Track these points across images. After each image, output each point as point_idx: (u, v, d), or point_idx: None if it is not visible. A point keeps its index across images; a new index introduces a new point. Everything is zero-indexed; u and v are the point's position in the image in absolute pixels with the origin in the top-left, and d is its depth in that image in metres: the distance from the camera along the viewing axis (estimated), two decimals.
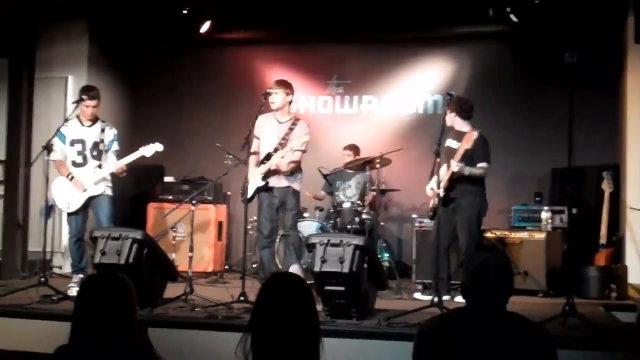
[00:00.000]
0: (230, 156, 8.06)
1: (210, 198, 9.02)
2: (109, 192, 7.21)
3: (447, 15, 8.85)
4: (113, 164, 7.14)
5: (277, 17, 9.18)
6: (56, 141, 7.08)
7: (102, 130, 7.23)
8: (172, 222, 7.86)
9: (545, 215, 7.70)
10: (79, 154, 7.17)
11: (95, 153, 7.17)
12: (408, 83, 9.68)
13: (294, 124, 6.93)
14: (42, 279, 6.61)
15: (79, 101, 7.10)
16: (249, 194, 6.94)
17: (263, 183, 6.85)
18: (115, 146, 7.28)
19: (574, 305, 5.49)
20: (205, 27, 9.23)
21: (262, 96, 6.80)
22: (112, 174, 7.20)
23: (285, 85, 7.01)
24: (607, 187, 7.54)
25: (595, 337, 5.09)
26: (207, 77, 10.15)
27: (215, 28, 9.31)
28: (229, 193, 9.21)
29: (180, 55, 10.19)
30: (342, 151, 8.85)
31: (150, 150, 7.18)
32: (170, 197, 9.22)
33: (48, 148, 6.84)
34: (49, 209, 7.46)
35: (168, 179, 9.62)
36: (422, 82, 9.62)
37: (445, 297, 6.29)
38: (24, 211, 8.49)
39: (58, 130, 7.10)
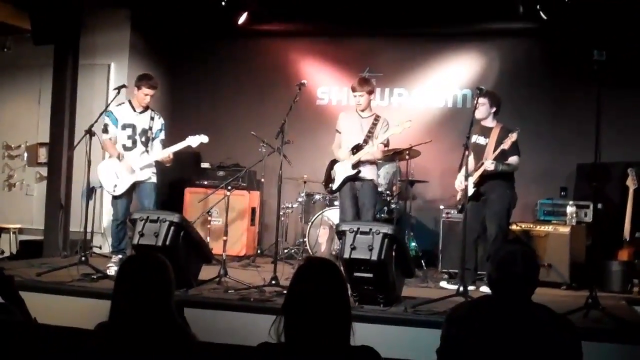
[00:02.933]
0: (265, 144, 8.21)
1: (244, 184, 9.03)
2: (154, 178, 7.32)
3: (477, 11, 8.96)
4: (159, 151, 7.25)
5: (312, 10, 9.32)
6: (109, 123, 7.23)
7: (152, 119, 7.32)
8: (208, 206, 7.95)
9: (570, 209, 7.74)
10: (128, 138, 7.27)
11: (143, 139, 7.27)
12: (438, 77, 9.76)
13: (376, 119, 7.13)
14: (83, 258, 6.78)
15: (139, 87, 7.20)
16: (337, 183, 7.14)
17: (354, 172, 7.03)
18: (162, 135, 7.37)
19: (597, 298, 5.49)
20: (242, 18, 9.40)
21: (296, 86, 6.93)
22: (158, 163, 7.32)
23: (368, 85, 7.16)
24: (631, 183, 7.60)
25: (617, 330, 5.11)
26: (243, 67, 10.32)
27: (252, 20, 9.48)
28: (262, 180, 9.29)
29: (218, 45, 10.36)
30: None
31: (196, 140, 7.27)
32: (206, 183, 9.36)
33: (91, 132, 6.98)
34: (90, 191, 7.59)
35: (204, 165, 9.78)
36: (452, 77, 9.69)
37: (471, 287, 6.31)
38: (66, 193, 8.68)
39: (106, 109, 7.25)
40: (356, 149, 7.05)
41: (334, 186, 7.21)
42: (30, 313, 3.57)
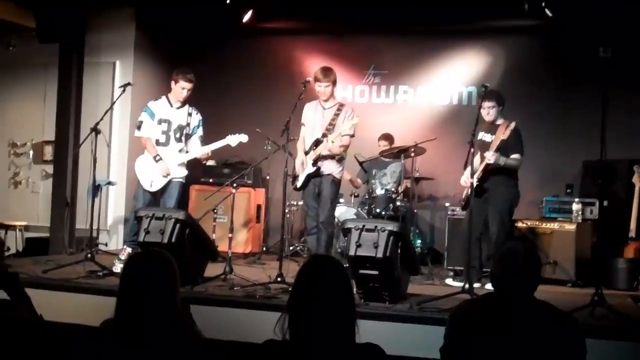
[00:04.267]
0: (270, 142, 8.21)
1: (250, 182, 9.10)
2: (184, 175, 7.33)
3: (483, 9, 8.92)
4: (199, 149, 7.22)
5: (317, 8, 9.29)
6: (145, 118, 7.18)
7: (189, 115, 7.27)
8: (213, 204, 7.84)
9: (576, 207, 7.70)
10: (162, 134, 7.22)
11: (178, 135, 7.22)
12: (443, 74, 9.73)
13: (339, 109, 6.95)
14: (89, 255, 6.81)
15: (176, 81, 7.17)
16: (300, 181, 7.01)
17: (314, 169, 6.90)
18: (200, 131, 7.32)
19: (603, 295, 5.48)
20: (247, 16, 9.39)
21: (301, 84, 6.90)
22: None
23: (331, 74, 6.93)
24: (637, 181, 7.58)
25: (623, 328, 5.10)
26: (248, 65, 10.29)
27: (257, 18, 9.47)
28: (267, 177, 9.31)
29: (222, 43, 10.30)
30: (378, 142, 8.94)
31: (235, 139, 7.27)
32: (212, 180, 9.35)
33: (96, 130, 6.97)
34: (96, 189, 7.61)
35: (210, 162, 9.61)
36: (457, 74, 9.67)
37: (476, 285, 6.32)
38: (72, 190, 8.69)
39: (111, 107, 7.30)
40: (315, 144, 6.91)
41: (298, 184, 7.07)
42: (36, 310, 3.59)
